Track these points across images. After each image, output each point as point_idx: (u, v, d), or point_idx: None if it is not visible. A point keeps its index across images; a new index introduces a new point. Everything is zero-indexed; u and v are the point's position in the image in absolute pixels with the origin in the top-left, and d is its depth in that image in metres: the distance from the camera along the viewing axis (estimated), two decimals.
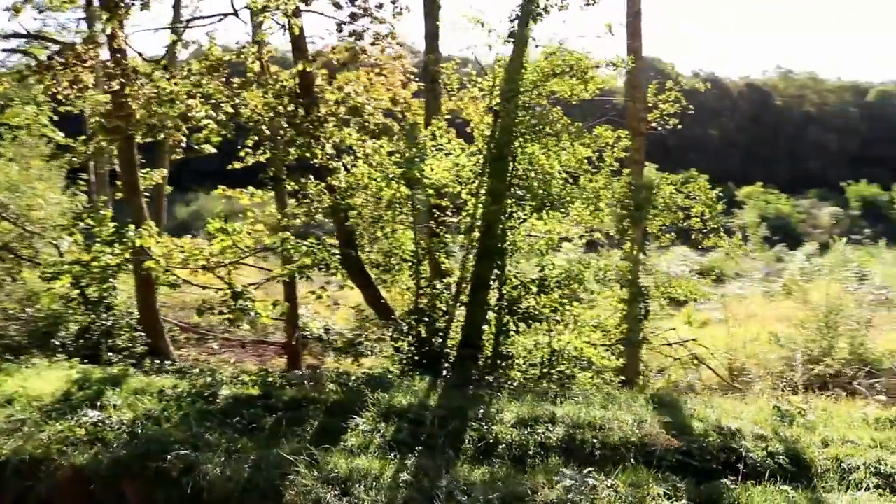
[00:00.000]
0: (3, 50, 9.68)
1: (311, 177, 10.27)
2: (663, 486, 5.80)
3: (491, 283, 10.75)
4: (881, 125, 62.95)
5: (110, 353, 11.59)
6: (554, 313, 10.92)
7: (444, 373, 10.25)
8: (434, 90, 12.01)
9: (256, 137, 10.27)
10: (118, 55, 8.59)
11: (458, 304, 11.05)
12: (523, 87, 10.01)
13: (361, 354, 11.68)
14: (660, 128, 11.76)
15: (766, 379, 10.41)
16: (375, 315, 12.05)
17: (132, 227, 11.78)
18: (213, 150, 10.45)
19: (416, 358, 10.79)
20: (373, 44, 9.04)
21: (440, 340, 10.86)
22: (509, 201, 10.76)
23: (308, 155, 9.84)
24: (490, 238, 10.75)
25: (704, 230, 10.59)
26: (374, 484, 6.15)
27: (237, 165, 12.31)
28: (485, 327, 10.81)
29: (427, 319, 10.90)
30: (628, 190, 10.70)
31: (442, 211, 11.32)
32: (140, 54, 9.43)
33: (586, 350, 10.83)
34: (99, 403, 7.91)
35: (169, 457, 6.35)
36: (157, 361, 11.19)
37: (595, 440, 6.96)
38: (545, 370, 10.74)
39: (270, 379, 9.20)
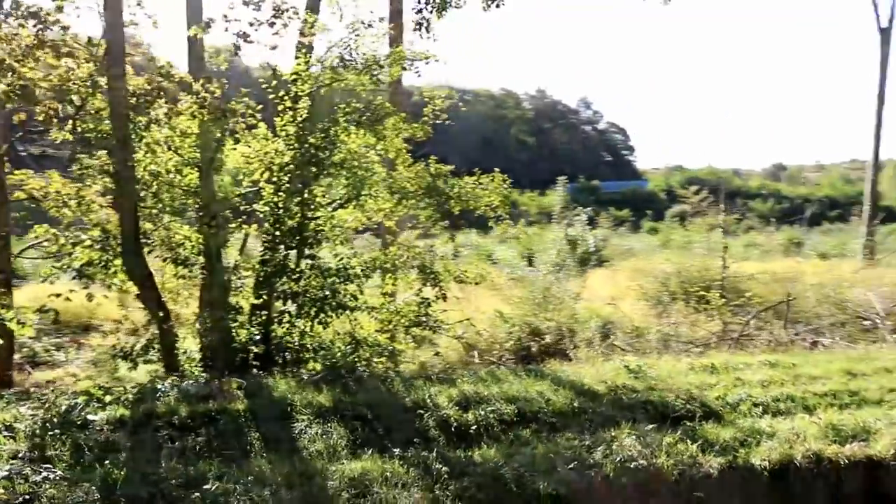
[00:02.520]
0: None
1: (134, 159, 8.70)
2: (670, 435, 6.68)
3: (293, 273, 10.42)
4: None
5: None
6: (355, 301, 10.96)
7: (255, 370, 9.75)
8: (203, 70, 10.99)
9: (50, 111, 8.33)
10: None
11: (257, 298, 10.49)
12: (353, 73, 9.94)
13: (148, 361, 10.24)
14: (430, 123, 12.39)
15: (580, 346, 11.77)
16: (151, 316, 10.65)
17: None
18: None
19: (211, 357, 10.07)
20: (275, 16, 8.00)
21: (240, 337, 10.24)
22: (320, 189, 10.56)
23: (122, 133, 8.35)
24: (294, 227, 10.44)
25: (500, 217, 11.54)
26: (410, 483, 5.91)
27: None
28: (287, 319, 10.47)
29: (223, 316, 10.16)
30: (429, 180, 11.16)
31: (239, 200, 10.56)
32: None
33: (381, 337, 11.09)
34: None
35: (195, 495, 5.25)
36: None
37: (542, 409, 7.51)
38: (348, 359, 10.75)
39: (111, 396, 7.80)
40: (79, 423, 6.88)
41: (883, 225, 31.92)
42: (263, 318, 10.37)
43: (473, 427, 7.13)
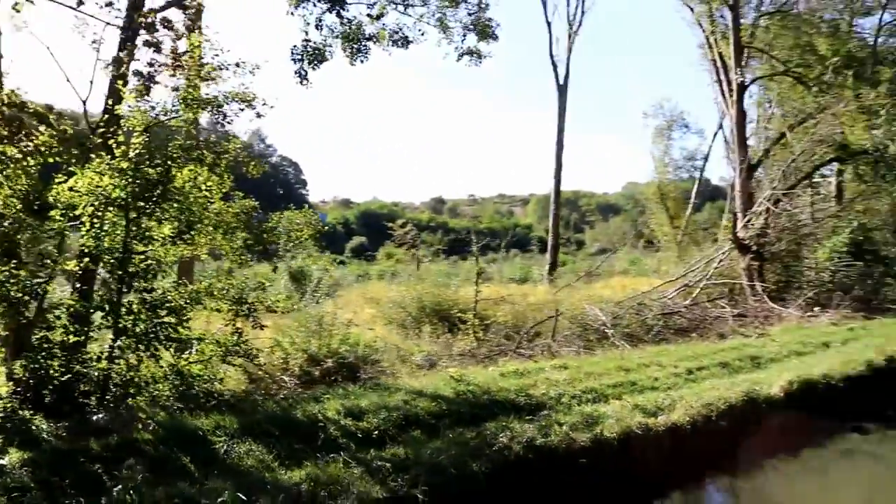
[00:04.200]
0: None
1: None
2: (542, 421, 8.29)
3: (118, 308, 10.42)
4: None
5: None
6: (176, 333, 11.13)
7: (84, 408, 9.74)
8: None
9: None
10: None
11: (78, 335, 10.27)
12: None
13: None
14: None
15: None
16: None
17: None
18: None
19: (34, 398, 9.82)
20: (175, 60, 7.98)
21: (58, 375, 10.03)
22: (150, 223, 10.66)
23: None
24: (118, 262, 10.48)
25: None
26: (365, 480, 6.83)
27: None
28: (114, 355, 10.42)
29: (40, 354, 9.89)
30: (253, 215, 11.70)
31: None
32: None
33: (200, 368, 11.37)
34: None
35: None
36: None
37: (420, 414, 8.73)
38: (171, 393, 10.90)
39: None
40: None
41: (541, 254, 37.38)
42: (89, 355, 10.15)
43: (375, 433, 8.13)
